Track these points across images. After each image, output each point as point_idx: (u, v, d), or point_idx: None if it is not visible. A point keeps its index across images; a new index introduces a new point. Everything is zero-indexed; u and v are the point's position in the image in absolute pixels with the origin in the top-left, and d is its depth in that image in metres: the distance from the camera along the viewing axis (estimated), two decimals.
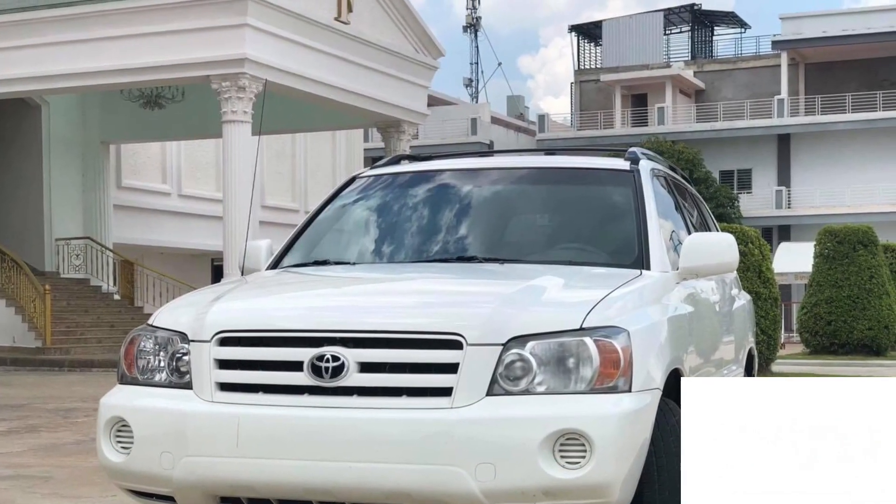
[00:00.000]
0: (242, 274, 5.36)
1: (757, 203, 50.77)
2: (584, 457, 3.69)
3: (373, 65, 23.50)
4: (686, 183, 6.53)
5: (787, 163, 51.57)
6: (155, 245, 29.72)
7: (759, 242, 16.12)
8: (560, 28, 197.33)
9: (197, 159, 30.66)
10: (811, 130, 50.55)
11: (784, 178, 51.37)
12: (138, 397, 4.17)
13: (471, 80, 64.33)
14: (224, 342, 4.04)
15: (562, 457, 3.69)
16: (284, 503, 3.92)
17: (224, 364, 4.02)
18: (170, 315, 4.34)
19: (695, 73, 54.73)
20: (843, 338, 22.60)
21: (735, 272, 6.42)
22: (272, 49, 20.68)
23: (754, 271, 15.54)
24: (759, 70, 53.94)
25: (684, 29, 58.47)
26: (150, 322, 4.38)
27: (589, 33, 58.88)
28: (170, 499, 4.08)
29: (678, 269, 4.93)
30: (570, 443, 3.69)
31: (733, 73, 54.77)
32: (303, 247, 5.44)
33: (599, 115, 55.05)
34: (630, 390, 3.85)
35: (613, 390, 3.82)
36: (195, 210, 30.11)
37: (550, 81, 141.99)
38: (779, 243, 44.98)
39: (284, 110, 23.76)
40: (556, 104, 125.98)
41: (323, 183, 33.21)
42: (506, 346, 3.82)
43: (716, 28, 59.27)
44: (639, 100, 55.27)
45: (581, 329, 3.88)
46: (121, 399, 4.22)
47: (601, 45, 57.74)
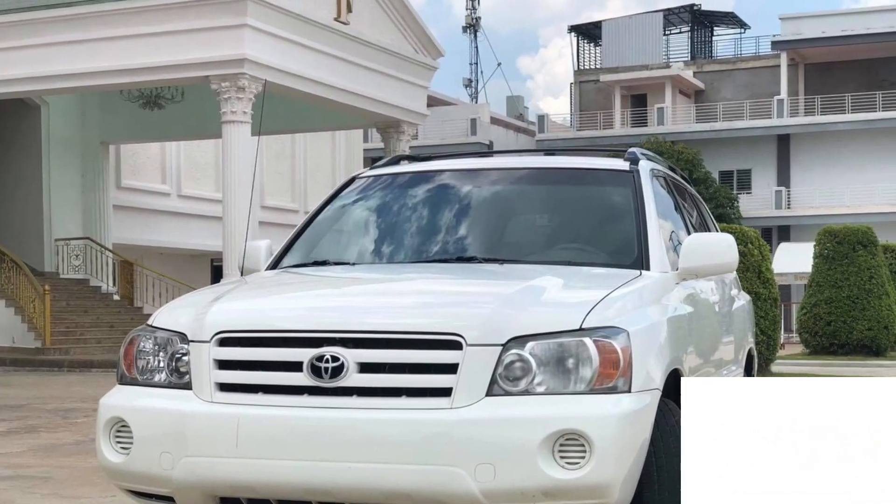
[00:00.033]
0: (242, 274, 5.36)
1: (756, 203, 50.79)
2: (584, 457, 3.69)
3: (372, 65, 23.51)
4: (685, 183, 6.53)
5: (787, 163, 51.58)
6: (154, 245, 29.72)
7: (759, 243, 16.11)
8: (559, 28, 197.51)
9: (196, 160, 30.65)
10: (811, 131, 50.56)
11: (783, 179, 51.38)
12: (138, 398, 4.17)
13: (470, 81, 64.35)
14: (224, 342, 4.04)
15: (561, 457, 3.69)
16: (284, 503, 3.92)
17: (223, 364, 4.02)
18: (169, 315, 4.34)
19: (694, 74, 54.75)
20: (843, 338, 22.59)
21: (735, 272, 6.41)
22: (272, 49, 20.68)
23: (754, 272, 15.54)
24: (759, 70, 53.95)
25: (684, 29, 58.50)
26: (150, 322, 4.37)
27: (588, 34, 58.90)
28: (169, 499, 4.08)
29: (678, 270, 4.93)
30: (570, 443, 3.69)
31: (733, 74, 54.78)
32: (302, 247, 5.44)
33: (599, 116, 55.07)
34: (630, 391, 3.85)
35: (613, 391, 3.82)
36: (195, 210, 30.10)
37: (550, 82, 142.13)
38: (778, 244, 45.00)
39: (284, 111, 23.77)
40: (556, 104, 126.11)
41: (322, 183, 33.22)
42: (505, 347, 3.82)
43: (715, 28, 59.30)
44: (638, 100, 55.28)
45: (581, 329, 3.88)
46: (120, 399, 4.22)
47: (601, 46, 57.75)
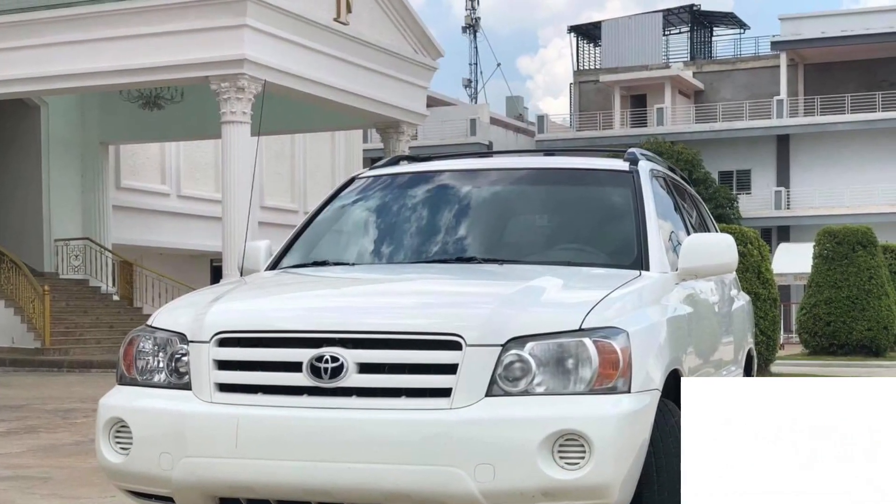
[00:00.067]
0: (241, 275, 5.35)
1: (756, 204, 50.80)
2: (584, 458, 3.68)
3: (372, 65, 23.51)
4: (685, 183, 6.53)
5: (787, 163, 51.59)
6: (154, 246, 29.71)
7: (759, 243, 16.11)
8: (559, 29, 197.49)
9: (196, 160, 30.65)
10: (810, 131, 50.58)
11: (783, 179, 51.39)
12: (137, 398, 4.17)
13: (470, 81, 64.36)
14: (223, 343, 4.04)
15: (561, 458, 3.69)
16: (283, 503, 3.92)
17: (223, 365, 4.01)
18: (169, 316, 4.34)
19: (694, 74, 54.77)
20: (843, 339, 22.59)
21: (734, 273, 6.41)
22: (271, 50, 20.68)
23: (753, 272, 15.54)
24: (758, 71, 53.96)
25: (683, 30, 58.52)
26: (150, 323, 4.37)
27: (588, 34, 58.92)
28: (169, 499, 4.07)
29: (677, 270, 4.92)
30: (570, 444, 3.69)
31: (732, 74, 54.79)
32: (302, 247, 5.44)
33: (598, 116, 55.08)
34: (629, 391, 3.85)
35: (612, 391, 3.82)
36: (194, 211, 30.10)
37: (549, 82, 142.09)
38: (778, 244, 45.01)
39: (283, 111, 23.77)
40: (556, 105, 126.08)
41: (322, 184, 33.21)
42: (505, 347, 3.82)
43: (715, 29, 59.33)
44: (638, 100, 55.30)
45: (580, 330, 3.87)
46: (120, 400, 4.22)
47: (600, 46, 57.77)
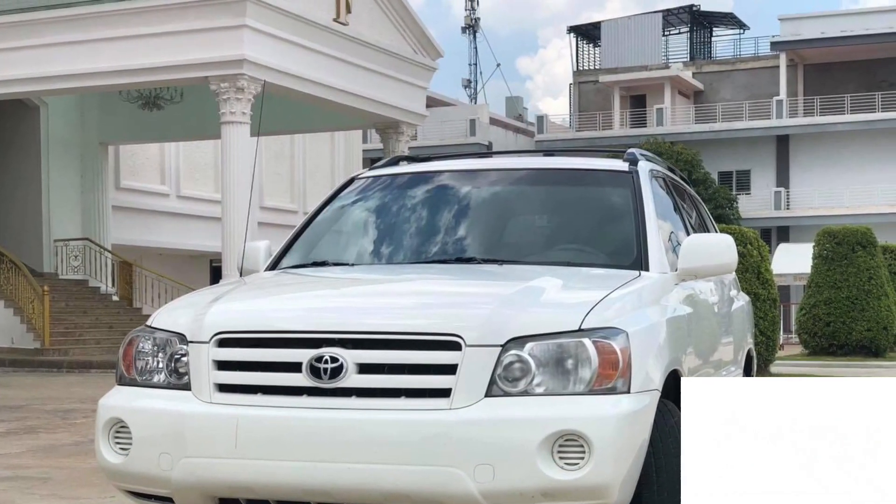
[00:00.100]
0: (241, 275, 5.35)
1: (756, 204, 50.81)
2: (583, 458, 3.68)
3: (371, 66, 23.50)
4: (685, 184, 6.53)
5: (786, 164, 51.60)
6: (153, 246, 29.71)
7: (758, 243, 16.12)
8: (559, 29, 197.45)
9: (195, 160, 30.64)
10: (810, 131, 50.58)
11: (783, 180, 51.40)
12: (137, 398, 4.16)
13: (469, 82, 64.36)
14: (223, 343, 4.04)
15: (560, 458, 3.68)
16: None
17: (223, 365, 4.01)
18: (168, 316, 4.34)
19: (693, 75, 54.78)
20: (842, 339, 22.59)
21: (734, 273, 6.42)
22: (271, 50, 20.68)
23: (753, 272, 15.54)
24: (758, 71, 53.98)
25: (683, 30, 58.54)
26: (149, 323, 4.37)
27: (588, 34, 58.95)
28: (168, 500, 4.07)
29: (677, 271, 4.92)
30: (569, 444, 3.69)
31: (732, 75, 54.80)
32: (301, 248, 5.43)
33: (598, 116, 55.08)
34: (629, 391, 3.85)
35: (612, 391, 3.82)
36: (194, 211, 30.09)
37: (549, 82, 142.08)
38: (777, 244, 45.01)
39: (283, 111, 23.77)
40: (555, 105, 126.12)
41: (322, 184, 33.21)
42: (504, 348, 3.81)
43: (714, 29, 59.35)
44: (637, 101, 55.31)
45: (580, 330, 3.87)
46: (119, 400, 4.22)
47: (600, 47, 57.79)
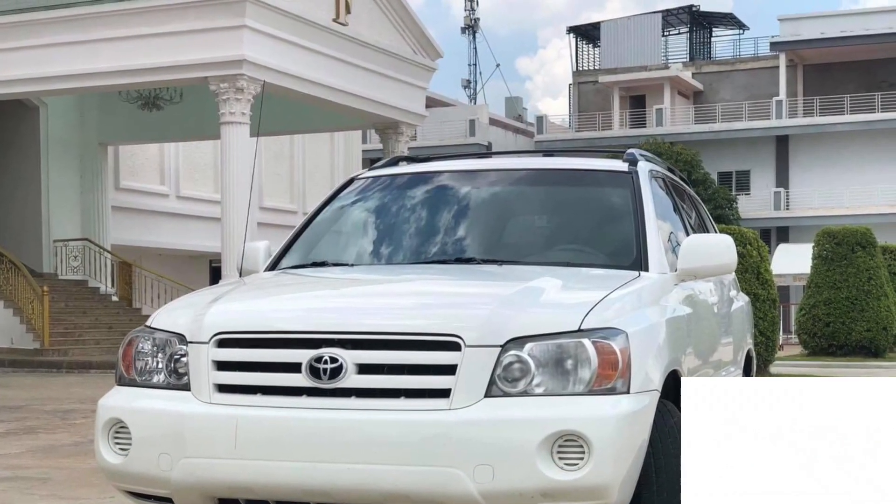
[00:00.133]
0: (241, 275, 5.35)
1: (755, 204, 50.81)
2: (583, 458, 3.68)
3: (371, 66, 23.50)
4: (684, 184, 6.53)
5: (786, 164, 51.61)
6: (153, 246, 29.70)
7: (758, 244, 16.13)
8: (558, 29, 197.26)
9: (195, 161, 30.64)
10: (809, 132, 50.59)
11: (782, 180, 51.41)
12: (136, 399, 4.16)
13: (469, 82, 64.38)
14: (222, 344, 4.03)
15: (560, 458, 3.68)
16: None
17: (222, 365, 4.01)
18: (168, 316, 4.33)
19: (693, 75, 54.79)
20: (842, 339, 22.59)
21: (733, 274, 6.42)
22: (270, 50, 20.68)
23: (753, 273, 15.55)
24: (758, 71, 53.98)
25: (682, 30, 58.54)
26: (149, 323, 4.37)
27: (587, 35, 58.95)
28: (168, 500, 4.07)
29: (676, 271, 4.92)
30: (569, 444, 3.69)
31: (731, 75, 54.80)
32: (301, 248, 5.43)
33: (598, 117, 55.09)
34: (628, 392, 3.84)
35: (612, 392, 3.82)
36: (193, 211, 30.09)
37: (549, 83, 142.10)
38: (777, 245, 45.01)
39: (282, 112, 23.76)
40: (555, 105, 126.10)
41: (321, 184, 33.21)
42: (504, 348, 3.81)
43: (714, 29, 59.36)
44: (637, 101, 55.31)
45: (579, 330, 3.87)
46: (119, 400, 4.21)
47: (599, 47, 57.80)
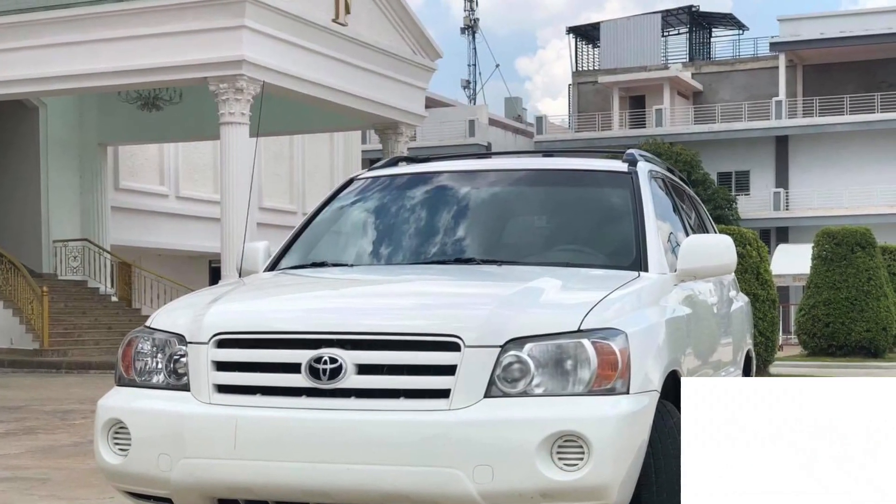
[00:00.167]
0: (240, 276, 5.35)
1: (755, 205, 50.81)
2: (582, 459, 3.68)
3: (370, 66, 23.50)
4: (684, 185, 6.53)
5: (785, 164, 51.61)
6: (152, 247, 29.69)
7: (757, 244, 16.13)
8: (558, 30, 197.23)
9: (194, 161, 30.63)
10: (809, 132, 50.60)
11: (782, 180, 51.41)
12: (136, 399, 4.16)
13: (468, 82, 64.40)
14: (222, 344, 4.03)
15: (559, 459, 3.68)
16: None
17: (222, 366, 4.01)
18: (167, 317, 4.33)
19: (693, 75, 54.79)
20: (841, 340, 22.59)
21: (733, 274, 6.41)
22: (270, 51, 20.68)
23: (752, 273, 15.55)
24: (757, 72, 53.98)
25: (682, 31, 58.55)
26: (148, 324, 4.37)
27: (587, 35, 58.96)
28: (167, 501, 4.07)
29: (676, 271, 4.92)
30: (568, 445, 3.69)
31: (731, 75, 54.80)
32: (300, 249, 5.43)
33: (597, 117, 55.09)
34: (628, 392, 3.84)
35: (611, 392, 3.82)
36: (193, 212, 30.08)
37: (548, 83, 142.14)
38: (777, 245, 44.99)
39: (282, 112, 23.76)
40: (554, 106, 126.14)
41: (321, 185, 33.20)
42: (503, 348, 3.81)
43: (714, 30, 59.36)
44: (637, 101, 55.32)
45: (579, 331, 3.87)
46: (118, 401, 4.21)
47: (599, 47, 57.80)
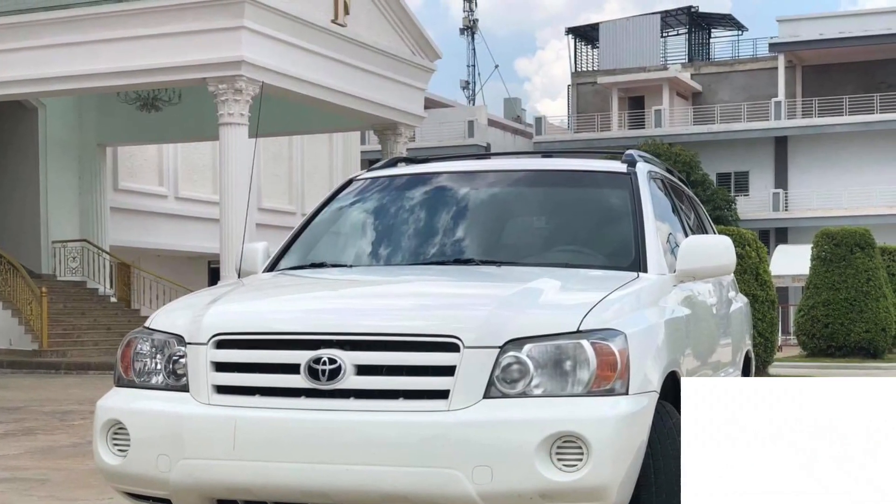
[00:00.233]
0: (239, 276, 5.35)
1: (754, 205, 50.81)
2: (581, 459, 3.68)
3: (369, 67, 23.50)
4: (683, 185, 6.53)
5: (785, 165, 51.62)
6: (151, 247, 29.70)
7: (757, 245, 16.13)
8: (557, 30, 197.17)
9: (194, 162, 30.63)
10: (808, 133, 50.60)
11: (781, 181, 51.41)
12: (135, 400, 4.16)
13: (468, 83, 64.37)
14: (221, 345, 4.03)
15: (559, 459, 3.68)
16: None
17: (221, 367, 4.01)
18: (166, 317, 4.33)
19: (692, 76, 54.79)
20: (841, 340, 22.59)
21: (732, 275, 6.41)
22: (269, 51, 20.68)
23: (751, 274, 15.55)
24: (756, 72, 53.99)
25: (681, 31, 58.56)
26: (147, 325, 4.36)
27: (586, 35, 58.97)
28: (166, 501, 4.07)
29: (675, 272, 4.92)
30: (567, 445, 3.68)
31: (730, 76, 54.81)
32: (299, 249, 5.43)
33: (596, 118, 55.09)
34: (627, 393, 3.84)
35: (610, 393, 3.82)
36: (192, 212, 30.09)
37: (547, 84, 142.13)
38: (776, 246, 44.98)
39: (281, 112, 23.76)
40: (553, 106, 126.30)
41: (320, 185, 33.20)
42: (503, 349, 3.81)
43: (713, 30, 59.37)
44: (636, 102, 55.32)
45: (578, 332, 3.87)
46: (117, 402, 4.21)
47: (598, 48, 57.80)
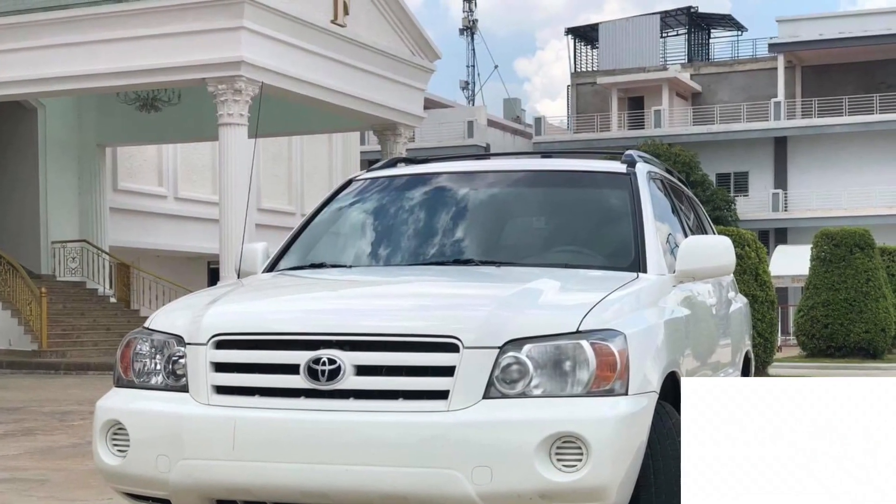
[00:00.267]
0: (239, 277, 5.35)
1: (754, 206, 50.82)
2: (581, 460, 3.68)
3: (369, 67, 23.51)
4: (683, 186, 6.53)
5: (784, 166, 51.63)
6: (151, 248, 29.70)
7: (756, 245, 16.13)
8: (557, 31, 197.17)
9: (193, 162, 30.64)
10: (808, 133, 50.61)
11: (781, 181, 51.42)
12: (134, 400, 4.16)
13: (467, 83, 64.35)
14: (220, 345, 4.03)
15: (558, 460, 3.68)
16: None
17: (220, 367, 4.01)
18: (166, 318, 4.33)
19: (691, 76, 54.80)
20: (840, 341, 22.59)
21: (732, 275, 6.41)
22: (268, 52, 20.68)
23: (751, 274, 15.55)
24: (756, 73, 54.00)
25: (681, 31, 58.56)
26: (147, 325, 4.36)
27: (585, 36, 58.96)
28: (166, 502, 4.07)
29: (675, 272, 4.92)
30: (567, 446, 3.69)
31: (730, 76, 54.82)
32: (299, 250, 5.43)
33: (596, 118, 55.10)
34: (627, 393, 3.84)
35: (610, 393, 3.82)
36: (191, 213, 30.09)
37: (547, 84, 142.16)
38: (775, 246, 44.99)
39: (281, 113, 23.76)
40: (553, 107, 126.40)
41: (319, 186, 33.20)
42: (502, 349, 3.81)
43: (712, 31, 59.39)
44: (635, 102, 55.33)
45: (577, 332, 3.87)
46: (117, 402, 4.21)
47: (598, 48, 57.80)
